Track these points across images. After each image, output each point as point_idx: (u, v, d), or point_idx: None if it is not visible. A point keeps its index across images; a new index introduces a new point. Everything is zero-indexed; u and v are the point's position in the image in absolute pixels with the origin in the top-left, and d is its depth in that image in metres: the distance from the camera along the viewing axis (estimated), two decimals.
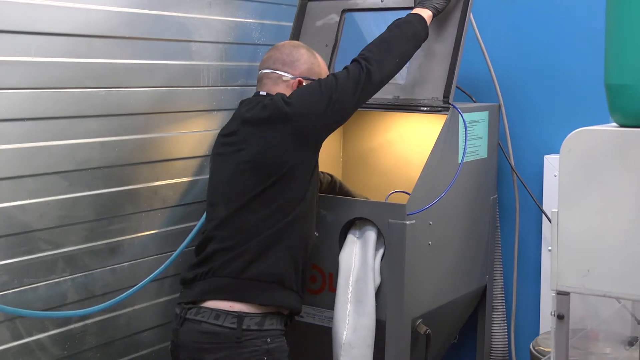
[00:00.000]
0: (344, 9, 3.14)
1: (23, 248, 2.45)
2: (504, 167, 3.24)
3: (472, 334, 3.27)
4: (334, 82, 2.51)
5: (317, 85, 2.53)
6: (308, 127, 2.49)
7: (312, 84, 2.57)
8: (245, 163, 2.49)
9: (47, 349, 2.55)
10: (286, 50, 2.67)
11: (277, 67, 2.64)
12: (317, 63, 2.69)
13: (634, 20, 1.80)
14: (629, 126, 1.85)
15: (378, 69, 2.56)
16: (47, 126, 2.50)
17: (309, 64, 2.66)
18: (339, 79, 2.52)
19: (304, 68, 2.65)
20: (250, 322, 2.40)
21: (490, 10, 3.18)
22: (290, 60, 2.65)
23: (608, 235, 1.83)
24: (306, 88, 2.57)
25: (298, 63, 2.65)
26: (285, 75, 2.63)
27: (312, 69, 2.66)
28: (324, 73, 2.69)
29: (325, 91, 2.50)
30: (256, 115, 2.53)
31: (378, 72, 2.56)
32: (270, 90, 2.62)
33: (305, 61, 2.66)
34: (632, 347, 2.42)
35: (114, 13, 2.68)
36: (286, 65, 2.64)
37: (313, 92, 2.52)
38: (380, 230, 2.63)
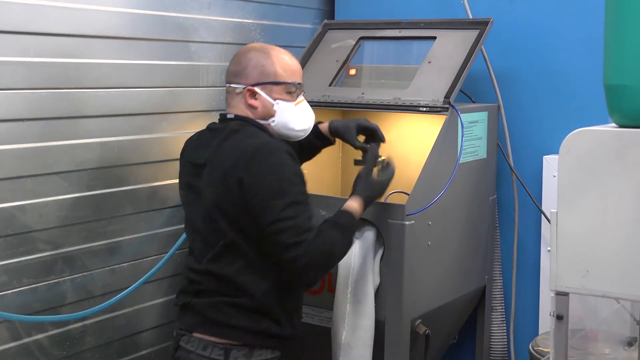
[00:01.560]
0: (361, 36, 3.20)
1: (22, 248, 2.45)
2: (503, 168, 3.24)
3: (472, 334, 3.27)
4: (297, 227, 2.24)
5: (283, 204, 2.23)
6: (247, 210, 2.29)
7: (281, 197, 2.24)
8: (214, 205, 2.33)
9: (46, 349, 2.55)
10: (235, 60, 2.45)
11: (230, 80, 2.44)
12: (270, 63, 2.39)
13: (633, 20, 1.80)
14: (628, 126, 1.85)
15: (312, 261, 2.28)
16: (46, 126, 2.50)
17: (259, 68, 2.39)
18: (303, 238, 2.24)
19: (254, 74, 2.39)
20: (238, 354, 2.31)
21: (489, 10, 3.18)
22: (239, 69, 2.42)
23: (607, 236, 1.83)
24: (274, 192, 2.25)
25: (247, 70, 2.40)
26: (238, 87, 2.41)
27: (263, 72, 2.39)
28: (282, 72, 2.40)
29: (283, 214, 2.23)
30: (219, 164, 2.33)
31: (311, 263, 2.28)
32: (232, 107, 2.43)
33: (255, 65, 2.40)
34: (631, 347, 2.42)
35: (113, 13, 2.68)
36: (237, 76, 2.42)
37: (275, 200, 2.24)
38: (380, 231, 2.63)
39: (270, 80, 2.39)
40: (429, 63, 2.98)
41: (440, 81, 2.88)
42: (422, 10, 3.36)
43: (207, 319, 2.35)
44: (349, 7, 3.59)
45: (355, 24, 3.28)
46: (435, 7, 3.37)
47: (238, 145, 2.32)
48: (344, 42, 3.22)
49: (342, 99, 3.03)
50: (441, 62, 2.96)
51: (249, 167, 2.26)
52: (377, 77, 3.14)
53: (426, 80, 2.93)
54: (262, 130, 2.40)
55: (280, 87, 2.40)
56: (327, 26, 3.32)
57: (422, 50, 3.05)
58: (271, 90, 2.40)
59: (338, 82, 3.12)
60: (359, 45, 3.21)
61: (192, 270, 2.41)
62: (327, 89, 3.08)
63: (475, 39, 2.96)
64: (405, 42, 3.15)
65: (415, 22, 3.15)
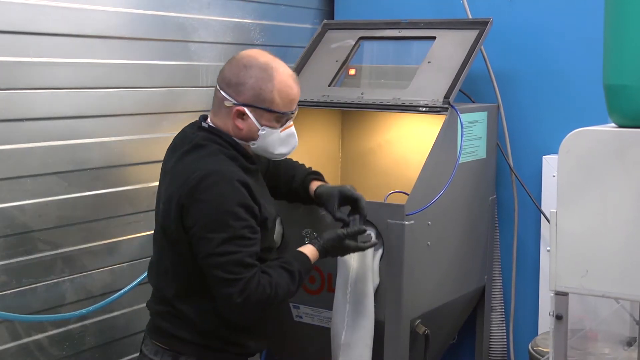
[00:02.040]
0: (361, 36, 3.20)
1: (21, 248, 2.45)
2: (502, 168, 3.24)
3: (471, 334, 3.27)
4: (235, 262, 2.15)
5: (221, 240, 2.14)
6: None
7: (220, 233, 2.14)
8: (159, 223, 2.29)
9: (46, 349, 2.55)
10: (235, 69, 2.27)
11: (222, 87, 2.28)
12: (270, 89, 2.24)
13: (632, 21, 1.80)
14: (627, 126, 1.85)
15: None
16: (45, 126, 2.50)
17: (256, 90, 2.24)
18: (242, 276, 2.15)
19: (249, 95, 2.24)
20: None
21: (488, 10, 3.18)
22: (236, 82, 2.25)
23: (607, 236, 1.83)
24: (213, 225, 2.15)
25: (243, 88, 2.24)
26: (228, 99, 2.26)
27: (260, 96, 2.24)
28: (279, 100, 2.26)
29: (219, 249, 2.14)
30: (169, 183, 2.26)
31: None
32: (214, 115, 2.31)
33: (252, 86, 2.23)
34: (631, 347, 2.42)
35: (112, 13, 2.68)
36: (231, 87, 2.25)
37: (213, 235, 2.15)
38: (379, 231, 2.63)
39: (265, 106, 2.26)
40: (428, 63, 2.98)
41: (440, 81, 2.88)
42: (421, 10, 3.36)
43: (157, 326, 2.33)
44: (348, 7, 3.59)
45: (355, 24, 3.28)
46: (435, 7, 3.37)
47: (189, 168, 2.22)
48: (344, 42, 3.22)
49: (341, 99, 3.03)
50: (441, 62, 2.96)
51: (192, 194, 2.16)
52: (376, 77, 3.14)
53: (426, 80, 2.93)
54: (228, 147, 2.27)
55: (272, 115, 2.28)
56: (327, 26, 3.32)
57: (421, 50, 3.05)
58: (261, 116, 2.27)
59: (337, 82, 3.12)
60: (359, 45, 3.21)
61: (149, 270, 2.42)
62: (327, 89, 3.08)
63: (474, 39, 2.96)
64: (405, 42, 3.15)
65: (414, 22, 3.15)
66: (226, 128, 2.29)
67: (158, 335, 2.33)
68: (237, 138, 2.29)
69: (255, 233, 2.21)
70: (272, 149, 2.33)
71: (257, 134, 2.29)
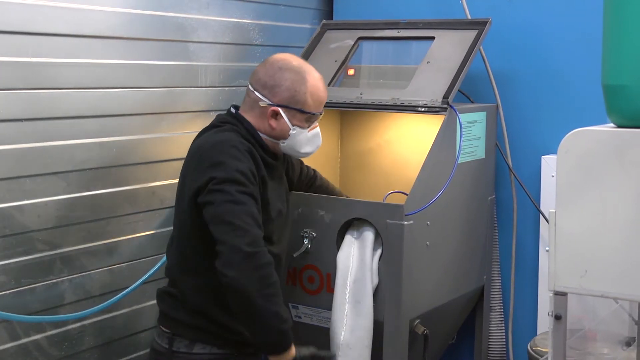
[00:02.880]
0: (359, 36, 3.20)
1: (20, 249, 2.45)
2: (501, 168, 3.25)
3: (470, 334, 3.27)
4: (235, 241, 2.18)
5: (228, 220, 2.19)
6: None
7: (226, 222, 2.19)
8: (180, 178, 2.43)
9: (45, 349, 2.55)
10: (270, 71, 2.41)
11: (257, 88, 2.42)
12: (304, 91, 2.39)
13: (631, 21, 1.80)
14: (626, 127, 1.85)
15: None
16: (44, 126, 2.50)
17: (292, 92, 2.39)
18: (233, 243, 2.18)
19: (284, 96, 2.39)
20: (180, 344, 2.36)
21: (487, 10, 3.18)
22: (272, 84, 2.39)
23: (605, 236, 1.83)
24: (223, 214, 2.21)
25: (279, 89, 2.39)
26: (263, 100, 2.40)
27: (294, 97, 2.39)
28: (311, 102, 2.41)
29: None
30: (186, 159, 2.40)
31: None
32: (247, 111, 2.43)
33: (288, 88, 2.39)
34: (630, 347, 2.42)
35: (111, 13, 2.68)
36: (266, 89, 2.40)
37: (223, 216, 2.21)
38: (378, 231, 2.63)
39: (298, 107, 2.41)
40: (427, 63, 2.98)
41: (439, 81, 2.88)
42: (420, 11, 3.36)
43: (159, 308, 2.46)
44: (347, 7, 3.59)
45: (354, 24, 3.28)
46: (434, 8, 3.37)
47: (203, 141, 2.37)
48: (343, 42, 3.22)
49: (340, 99, 3.03)
50: (440, 62, 2.96)
51: (202, 160, 2.29)
52: (375, 77, 3.14)
53: (425, 81, 2.93)
54: (246, 133, 2.39)
55: (303, 116, 2.43)
56: (326, 26, 3.32)
57: (420, 50, 3.05)
58: (293, 116, 2.42)
59: (336, 82, 3.12)
60: (358, 46, 3.21)
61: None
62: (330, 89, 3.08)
63: (473, 39, 2.96)
64: (404, 42, 3.15)
65: (413, 23, 3.15)
66: (259, 127, 2.42)
67: (160, 317, 2.45)
68: (269, 136, 2.43)
69: (258, 203, 2.28)
70: (299, 147, 2.47)
71: (288, 133, 2.43)
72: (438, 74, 2.92)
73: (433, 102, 2.83)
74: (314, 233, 2.72)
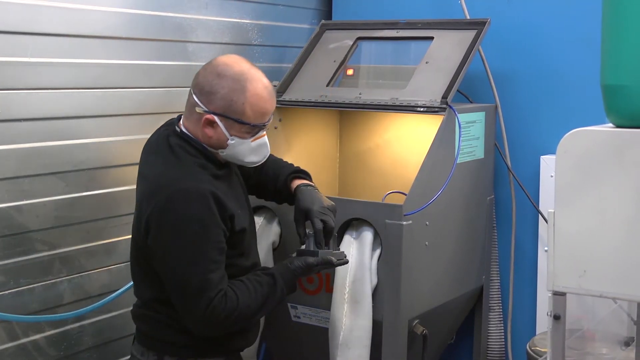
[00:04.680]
0: (358, 36, 3.20)
1: (19, 249, 2.45)
2: (500, 168, 3.25)
3: (469, 334, 3.27)
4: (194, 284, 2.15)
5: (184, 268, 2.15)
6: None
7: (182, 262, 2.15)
8: (136, 212, 2.30)
9: (44, 349, 2.55)
10: (209, 76, 2.22)
11: (195, 92, 2.24)
12: (242, 101, 2.19)
13: (630, 21, 1.80)
14: (625, 127, 1.85)
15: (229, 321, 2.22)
16: (43, 127, 2.50)
17: (227, 101, 2.19)
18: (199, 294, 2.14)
19: (219, 104, 2.20)
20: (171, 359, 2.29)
21: (486, 10, 3.19)
22: (208, 90, 2.21)
23: (604, 236, 1.84)
24: (174, 253, 2.16)
25: (214, 97, 2.20)
26: (199, 106, 2.22)
27: (230, 107, 2.20)
28: (250, 113, 2.22)
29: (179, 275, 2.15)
30: (140, 186, 2.29)
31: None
32: (187, 118, 2.28)
33: (223, 97, 2.19)
34: (629, 347, 2.42)
35: (110, 14, 2.68)
36: (203, 95, 2.21)
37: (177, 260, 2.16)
38: (377, 231, 2.63)
39: (235, 117, 2.21)
40: (426, 63, 2.98)
41: (438, 81, 2.88)
42: (419, 11, 3.36)
43: (139, 328, 2.35)
44: (346, 7, 3.59)
45: (353, 24, 3.29)
46: (433, 8, 3.37)
47: (159, 178, 2.22)
48: (342, 42, 3.22)
49: (339, 99, 3.03)
50: (439, 62, 2.96)
51: (158, 214, 2.16)
52: (374, 78, 3.14)
53: (424, 81, 2.93)
54: (198, 155, 2.25)
55: (242, 126, 2.23)
56: (325, 26, 3.32)
57: (419, 50, 3.05)
58: (231, 126, 2.23)
59: (335, 82, 3.12)
60: (357, 46, 3.21)
61: None
62: (325, 89, 3.08)
63: (472, 39, 2.96)
64: (403, 42, 3.15)
65: (412, 23, 3.15)
66: (196, 133, 2.27)
67: (141, 336, 2.34)
68: (207, 145, 2.27)
69: (222, 254, 2.20)
70: (242, 157, 2.30)
71: (225, 143, 2.25)
72: (437, 74, 2.92)
73: (432, 102, 2.83)
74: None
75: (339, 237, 2.71)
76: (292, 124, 3.19)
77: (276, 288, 2.31)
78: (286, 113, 3.15)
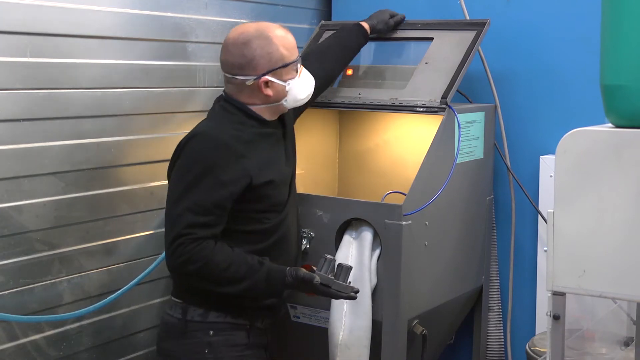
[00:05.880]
0: None
1: (19, 249, 2.45)
2: (500, 168, 3.25)
3: (469, 334, 3.28)
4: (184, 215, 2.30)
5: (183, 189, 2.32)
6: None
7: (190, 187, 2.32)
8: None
9: (43, 349, 2.55)
10: (236, 51, 2.41)
11: (236, 73, 2.42)
12: (275, 47, 2.40)
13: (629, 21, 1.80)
14: (624, 127, 1.85)
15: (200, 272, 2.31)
16: (42, 127, 2.49)
17: (267, 56, 2.39)
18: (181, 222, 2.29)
19: (262, 63, 2.39)
20: (194, 313, 2.40)
21: (486, 10, 3.19)
22: (245, 61, 2.39)
23: (604, 236, 1.83)
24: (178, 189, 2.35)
25: (255, 62, 2.39)
26: (248, 79, 2.41)
27: (272, 59, 2.40)
28: (287, 53, 2.42)
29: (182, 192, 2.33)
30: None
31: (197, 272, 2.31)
32: (237, 95, 2.45)
33: (261, 55, 2.39)
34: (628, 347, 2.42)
35: (109, 14, 2.68)
36: (243, 68, 2.40)
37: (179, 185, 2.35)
38: (377, 231, 2.64)
39: (280, 65, 2.41)
40: (426, 64, 2.98)
41: (437, 81, 2.88)
42: (419, 11, 3.36)
43: (172, 279, 2.50)
44: (346, 7, 3.59)
45: None
46: (433, 8, 3.37)
47: (193, 129, 2.43)
48: None
49: (339, 99, 3.03)
50: (438, 62, 2.96)
51: (180, 153, 2.38)
52: (374, 78, 3.14)
53: (423, 81, 2.93)
54: (237, 112, 2.43)
55: (289, 68, 2.44)
56: (324, 27, 3.32)
57: (419, 50, 3.05)
58: (281, 74, 2.43)
59: (335, 82, 3.12)
60: None
61: None
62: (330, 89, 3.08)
63: (472, 39, 2.96)
64: (403, 42, 3.15)
65: (412, 23, 3.15)
66: (254, 102, 2.44)
67: (173, 289, 2.49)
68: (269, 103, 2.44)
69: (216, 207, 2.31)
70: (300, 95, 2.50)
71: (285, 91, 2.44)
72: (436, 74, 2.92)
73: (431, 102, 2.83)
74: (312, 233, 2.72)
75: (338, 237, 2.71)
76: None
77: (256, 275, 2.33)
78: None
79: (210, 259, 2.28)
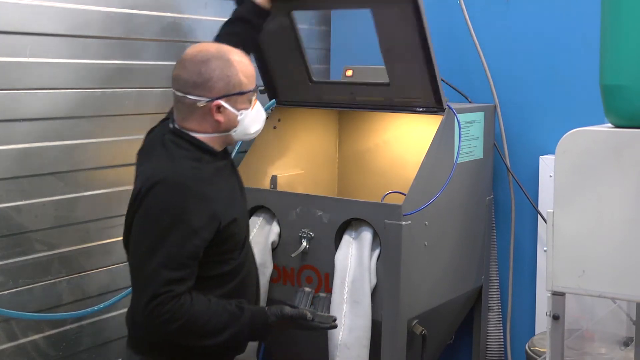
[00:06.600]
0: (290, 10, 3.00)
1: (18, 249, 2.45)
2: (499, 168, 3.25)
3: (468, 334, 3.28)
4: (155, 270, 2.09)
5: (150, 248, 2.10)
6: None
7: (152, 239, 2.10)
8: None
9: (43, 350, 2.55)
10: (193, 68, 2.20)
11: (188, 91, 2.20)
12: (235, 72, 2.21)
13: (629, 21, 1.80)
14: (623, 127, 1.85)
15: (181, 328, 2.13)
16: (42, 127, 2.50)
17: (225, 79, 2.20)
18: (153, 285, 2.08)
19: (219, 86, 2.19)
20: None
21: (485, 11, 3.19)
22: (201, 80, 2.19)
23: (603, 236, 1.84)
24: (146, 246, 2.12)
25: (211, 82, 2.19)
26: (200, 100, 2.20)
27: (229, 83, 2.20)
28: (245, 80, 2.23)
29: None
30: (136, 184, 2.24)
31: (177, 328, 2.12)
32: (186, 120, 2.24)
33: (219, 77, 2.19)
34: (627, 347, 2.43)
35: (109, 14, 2.68)
36: (198, 87, 2.19)
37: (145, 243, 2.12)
38: (376, 231, 2.63)
39: (236, 91, 2.22)
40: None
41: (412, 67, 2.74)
42: None
43: (129, 333, 2.31)
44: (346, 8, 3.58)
45: None
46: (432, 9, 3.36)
47: (148, 171, 2.20)
48: None
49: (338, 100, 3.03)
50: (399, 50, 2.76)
51: (142, 203, 2.14)
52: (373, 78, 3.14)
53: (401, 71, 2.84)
54: (192, 149, 2.23)
55: (244, 97, 2.25)
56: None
57: None
58: (236, 102, 2.23)
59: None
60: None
61: None
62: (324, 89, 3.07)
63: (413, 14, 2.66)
64: None
65: None
66: (204, 129, 2.24)
67: (130, 341, 2.29)
68: (218, 132, 2.25)
69: (189, 258, 2.14)
70: (250, 129, 2.30)
71: (236, 121, 2.25)
72: (407, 63, 2.75)
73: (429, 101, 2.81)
74: (312, 233, 2.72)
75: (338, 237, 2.71)
76: (291, 124, 3.19)
77: (239, 321, 2.20)
78: (285, 113, 3.15)
79: (191, 314, 2.12)
